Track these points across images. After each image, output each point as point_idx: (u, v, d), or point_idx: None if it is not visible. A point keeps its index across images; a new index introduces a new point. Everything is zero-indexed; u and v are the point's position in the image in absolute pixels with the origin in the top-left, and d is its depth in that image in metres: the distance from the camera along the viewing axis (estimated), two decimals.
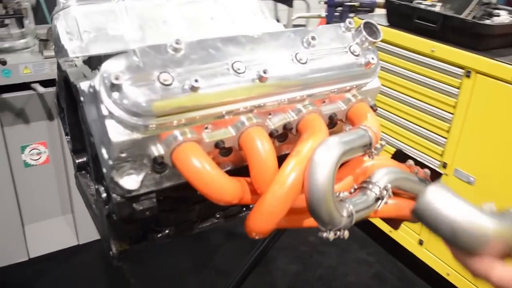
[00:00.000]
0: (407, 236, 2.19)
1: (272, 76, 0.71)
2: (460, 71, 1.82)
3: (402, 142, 2.14)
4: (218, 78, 0.67)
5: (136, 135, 0.65)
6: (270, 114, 0.76)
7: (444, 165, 1.95)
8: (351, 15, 2.68)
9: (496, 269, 0.53)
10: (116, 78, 0.60)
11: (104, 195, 0.77)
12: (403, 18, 2.06)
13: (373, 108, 0.87)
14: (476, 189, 1.87)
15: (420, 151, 2.07)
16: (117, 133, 0.64)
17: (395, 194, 0.88)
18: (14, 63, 2.02)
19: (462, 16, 1.90)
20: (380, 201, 0.77)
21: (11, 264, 2.17)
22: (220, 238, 2.35)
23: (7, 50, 2.14)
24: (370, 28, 0.83)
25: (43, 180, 2.27)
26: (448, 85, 1.87)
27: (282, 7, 3.71)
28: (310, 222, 0.75)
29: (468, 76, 1.77)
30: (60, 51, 0.91)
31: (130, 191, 0.70)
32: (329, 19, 2.95)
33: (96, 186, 0.80)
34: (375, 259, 2.40)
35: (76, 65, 0.80)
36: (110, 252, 0.85)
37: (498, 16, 2.00)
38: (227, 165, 0.79)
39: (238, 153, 0.76)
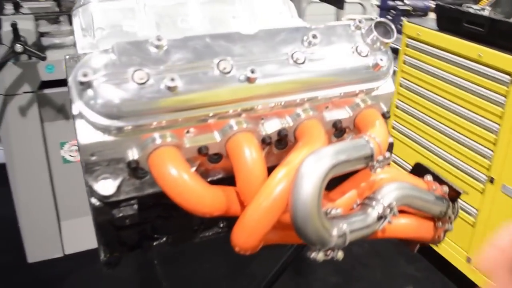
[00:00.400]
0: (454, 253, 2.03)
1: (262, 77, 0.64)
2: (507, 78, 1.68)
3: (446, 151, 2.00)
4: (200, 77, 0.62)
5: (108, 138, 0.61)
6: (262, 119, 0.69)
7: (492, 180, 1.79)
8: (404, 18, 2.56)
9: None
10: (85, 75, 0.56)
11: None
12: (452, 22, 1.95)
13: (385, 115, 0.78)
14: None
15: (465, 163, 1.92)
16: (86, 135, 0.60)
17: (410, 213, 0.79)
18: (57, 59, 2.06)
19: (511, 20, 1.77)
20: (382, 220, 0.68)
21: (46, 260, 2.22)
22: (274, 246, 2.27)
23: (57, 46, 2.20)
24: (384, 28, 0.74)
25: (80, 177, 2.28)
26: (495, 92, 1.73)
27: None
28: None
29: None
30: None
31: (107, 197, 0.66)
32: None
33: (87, 188, 0.77)
34: (422, 275, 2.25)
35: None
36: (100, 258, 0.82)
37: None
38: (218, 173, 0.73)
39: (230, 160, 0.70)
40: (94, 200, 0.68)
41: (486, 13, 1.86)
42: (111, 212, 0.68)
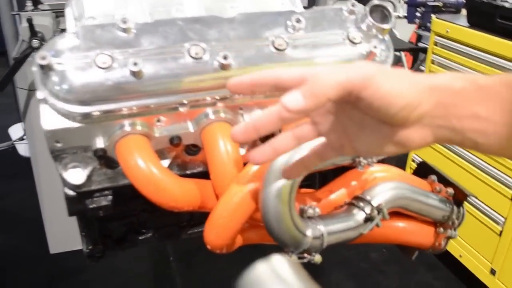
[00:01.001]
0: (478, 263, 1.91)
1: (237, 63, 0.60)
2: None
3: (472, 153, 1.89)
4: (169, 63, 0.58)
5: (72, 124, 0.58)
6: (241, 109, 0.65)
7: None
8: (434, 15, 2.44)
9: None
10: (43, 58, 0.54)
11: None
12: (485, 17, 1.81)
13: None
14: None
15: (493, 166, 1.80)
16: (50, 121, 0.58)
17: (410, 216, 0.73)
18: None
19: None
20: (369, 223, 0.62)
21: (66, 251, 2.25)
22: (274, 247, 2.24)
23: None
24: (381, 12, 0.68)
25: None
26: None
27: None
28: None
29: None
30: None
31: (77, 186, 0.64)
32: (409, 20, 2.71)
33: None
34: (442, 284, 2.13)
35: None
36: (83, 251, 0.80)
37: None
38: (197, 166, 0.69)
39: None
40: (66, 190, 0.65)
41: None
42: (84, 202, 0.65)
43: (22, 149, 2.90)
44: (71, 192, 0.65)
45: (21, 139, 2.95)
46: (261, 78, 0.42)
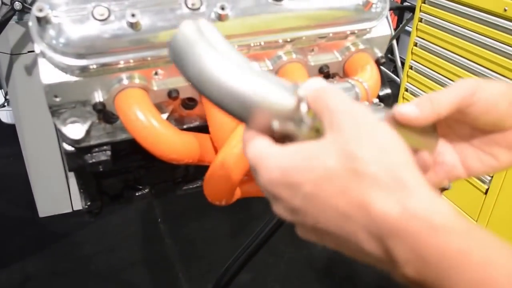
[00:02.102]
0: None
1: (234, 14, 0.60)
2: None
3: None
4: (166, 14, 0.58)
5: (71, 78, 0.58)
6: None
7: None
8: None
9: (253, 143, 0.36)
10: (40, 10, 0.53)
11: None
12: None
13: (378, 61, 0.73)
14: None
15: None
16: (49, 75, 0.57)
17: None
18: None
19: None
20: None
21: (55, 215, 2.27)
22: (260, 207, 2.28)
23: None
24: None
25: None
26: None
27: None
28: None
29: None
30: None
31: (76, 141, 0.64)
32: None
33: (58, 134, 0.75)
34: None
35: None
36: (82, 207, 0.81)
37: None
38: (194, 120, 0.70)
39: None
40: (65, 145, 0.65)
41: None
42: (83, 158, 0.66)
43: (4, 116, 2.85)
44: (70, 148, 0.65)
45: (2, 106, 2.90)
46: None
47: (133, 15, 0.54)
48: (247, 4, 0.61)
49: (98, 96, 0.59)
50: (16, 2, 1.58)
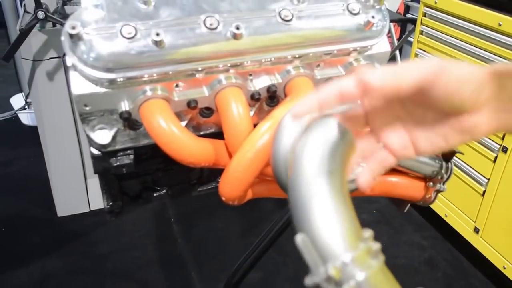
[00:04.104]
0: (462, 222, 2.02)
1: (248, 33, 0.66)
2: None
3: None
4: (187, 33, 0.64)
5: (100, 89, 0.64)
6: (250, 75, 0.71)
7: (504, 150, 1.74)
8: None
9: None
10: (73, 28, 0.60)
11: None
12: None
13: None
14: None
15: None
16: (79, 86, 0.64)
17: (399, 171, 0.80)
18: None
19: None
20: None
21: (73, 214, 2.34)
22: (272, 206, 2.34)
23: None
24: None
25: None
26: None
27: None
28: None
29: None
30: None
31: (103, 146, 0.70)
32: None
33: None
34: (429, 243, 2.25)
35: None
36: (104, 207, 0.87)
37: None
38: (210, 127, 0.76)
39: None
40: (93, 150, 0.72)
41: None
42: (108, 161, 0.73)
43: (25, 118, 2.95)
44: (97, 152, 0.72)
45: (23, 108, 3.01)
46: (325, 96, 0.45)
47: (157, 34, 0.61)
48: (260, 24, 0.67)
49: (124, 106, 0.66)
50: (40, 12, 1.66)
